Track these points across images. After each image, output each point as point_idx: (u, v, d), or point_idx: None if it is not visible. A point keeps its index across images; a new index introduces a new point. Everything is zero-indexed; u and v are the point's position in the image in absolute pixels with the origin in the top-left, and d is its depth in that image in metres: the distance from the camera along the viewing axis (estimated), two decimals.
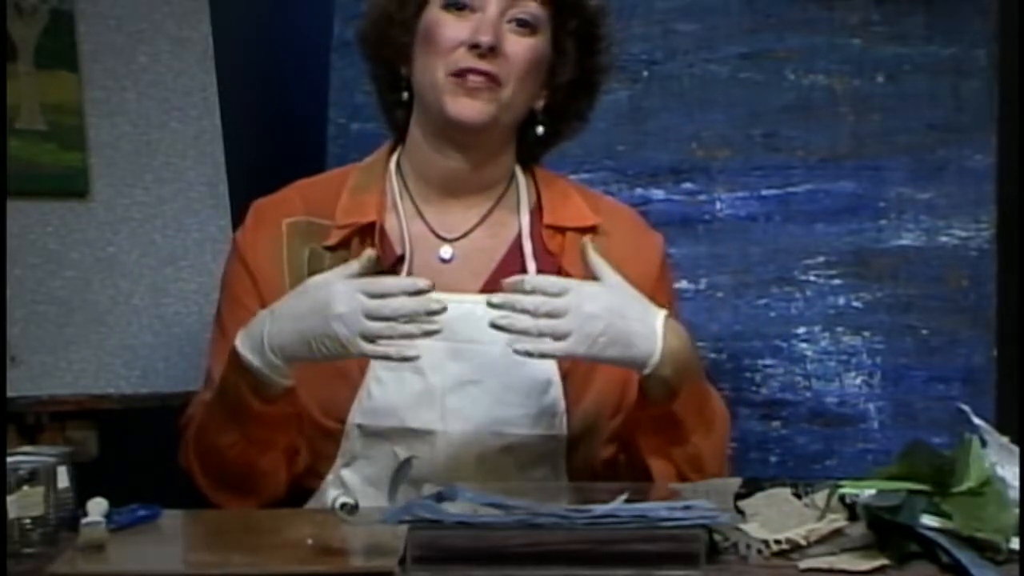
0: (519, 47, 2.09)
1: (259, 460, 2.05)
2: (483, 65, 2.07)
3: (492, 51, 2.07)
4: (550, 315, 1.93)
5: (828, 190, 2.80)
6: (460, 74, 2.07)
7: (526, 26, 2.10)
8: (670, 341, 1.97)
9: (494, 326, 1.95)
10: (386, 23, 2.16)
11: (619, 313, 1.95)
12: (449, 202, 2.16)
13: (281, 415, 2.02)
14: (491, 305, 1.95)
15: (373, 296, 1.93)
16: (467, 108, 2.08)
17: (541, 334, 1.94)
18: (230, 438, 2.04)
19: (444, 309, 1.93)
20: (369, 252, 1.99)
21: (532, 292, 1.95)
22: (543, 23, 2.12)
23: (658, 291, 2.13)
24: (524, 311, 1.94)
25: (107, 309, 2.68)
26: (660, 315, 1.98)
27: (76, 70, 2.72)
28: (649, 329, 1.96)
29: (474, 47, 2.07)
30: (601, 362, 1.98)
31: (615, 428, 2.11)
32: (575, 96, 2.18)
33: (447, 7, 2.10)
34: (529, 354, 1.95)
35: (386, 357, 1.95)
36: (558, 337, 1.93)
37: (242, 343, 1.99)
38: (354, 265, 1.97)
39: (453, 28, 2.09)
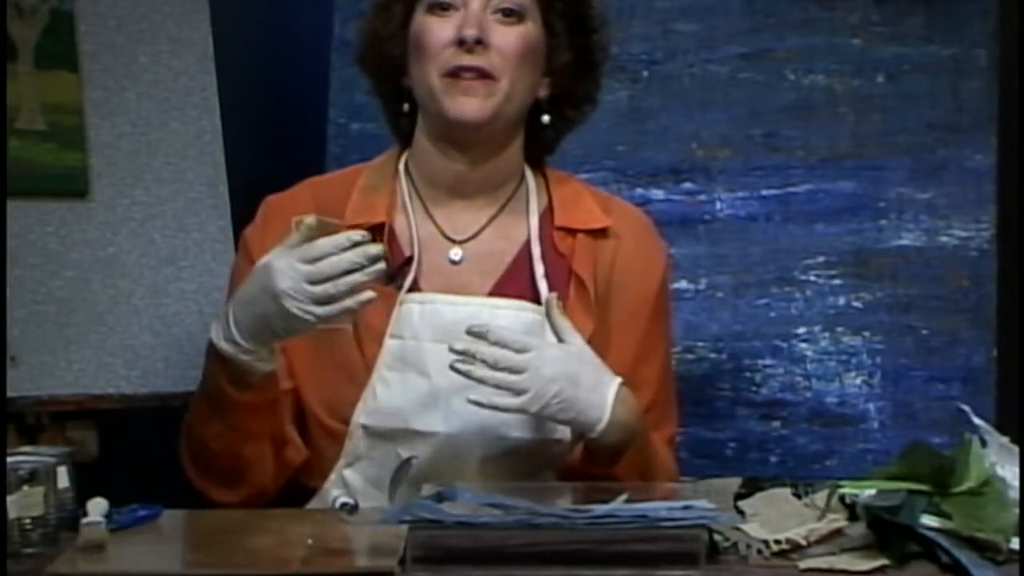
0: (507, 37, 2.09)
1: (243, 449, 2.04)
2: (473, 61, 2.07)
3: (480, 44, 2.06)
4: (510, 370, 1.95)
5: (828, 190, 2.80)
6: (453, 73, 2.07)
7: (512, 15, 2.10)
8: (618, 412, 2.00)
9: (453, 369, 1.96)
10: (377, 40, 2.17)
11: (573, 380, 1.98)
12: (458, 203, 2.16)
13: (260, 402, 2.02)
14: (452, 350, 1.97)
15: (310, 261, 1.91)
16: (466, 107, 2.08)
17: (498, 387, 1.96)
18: (214, 428, 2.04)
19: (381, 254, 1.91)
20: (308, 220, 1.94)
21: (496, 343, 1.96)
22: (529, 9, 2.12)
23: (657, 304, 2.16)
24: (484, 362, 1.95)
25: (107, 309, 2.68)
26: (613, 385, 2.01)
27: (76, 70, 2.72)
28: (600, 398, 1.99)
29: (460, 43, 2.07)
30: (552, 421, 2.01)
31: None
32: (577, 79, 2.17)
33: (431, 10, 2.10)
34: (481, 404, 1.96)
35: (345, 311, 1.92)
36: (516, 392, 1.96)
37: (216, 335, 1.99)
38: (294, 237, 1.94)
39: (439, 29, 2.09)
